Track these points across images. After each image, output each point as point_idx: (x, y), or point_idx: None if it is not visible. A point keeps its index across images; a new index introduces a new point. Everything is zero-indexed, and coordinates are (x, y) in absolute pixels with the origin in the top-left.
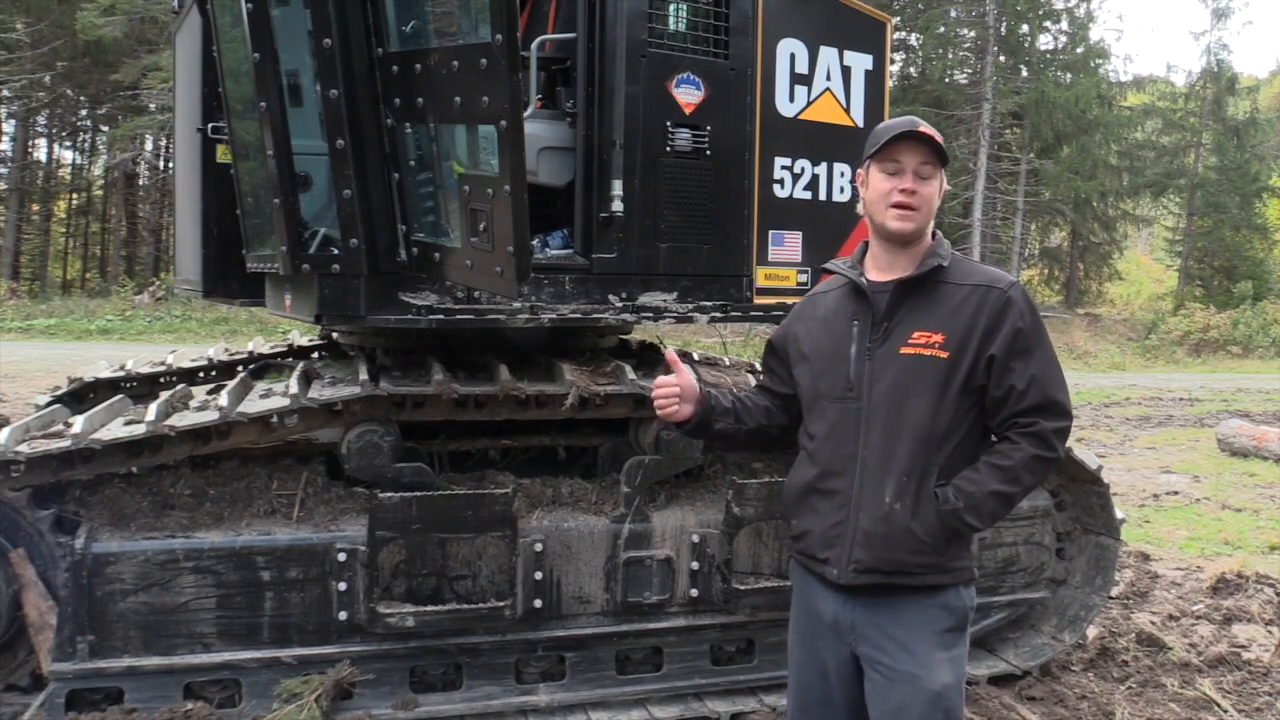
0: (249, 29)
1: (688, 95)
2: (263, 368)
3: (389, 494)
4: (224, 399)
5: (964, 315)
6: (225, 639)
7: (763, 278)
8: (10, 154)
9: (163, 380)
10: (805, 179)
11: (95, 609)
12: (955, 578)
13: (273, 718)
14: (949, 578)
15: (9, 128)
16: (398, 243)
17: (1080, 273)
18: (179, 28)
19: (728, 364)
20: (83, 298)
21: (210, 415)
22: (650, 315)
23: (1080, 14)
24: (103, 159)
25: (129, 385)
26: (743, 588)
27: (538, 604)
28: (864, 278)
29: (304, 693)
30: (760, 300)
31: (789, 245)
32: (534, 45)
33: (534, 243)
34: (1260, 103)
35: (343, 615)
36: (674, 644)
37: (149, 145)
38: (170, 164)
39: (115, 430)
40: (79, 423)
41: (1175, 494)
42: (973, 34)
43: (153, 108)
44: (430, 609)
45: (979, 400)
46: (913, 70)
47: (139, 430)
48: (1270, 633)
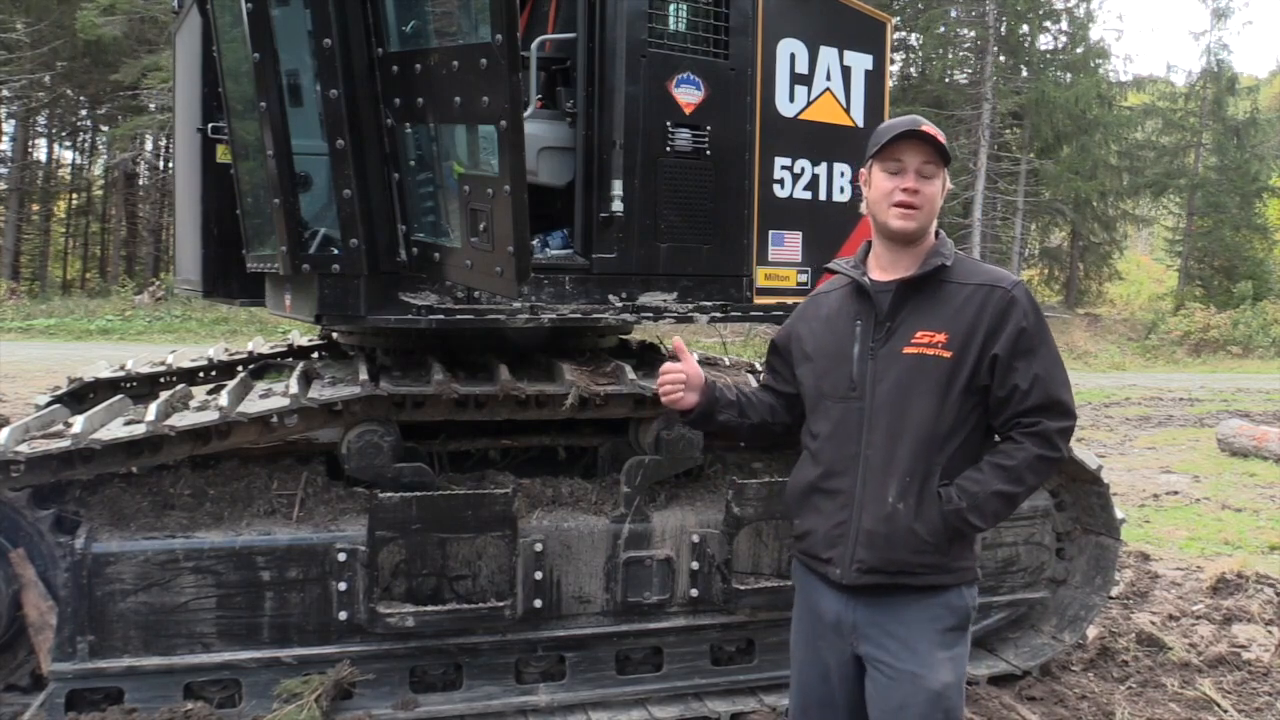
0: (249, 29)
1: (688, 95)
2: (263, 368)
3: (389, 494)
4: (224, 399)
5: (967, 315)
6: (225, 639)
7: (763, 278)
8: (10, 154)
9: (163, 380)
10: (805, 179)
11: (95, 609)
12: (958, 578)
13: (273, 718)
14: (952, 578)
15: (9, 128)
16: (398, 243)
17: (1080, 273)
18: (179, 28)
19: (728, 364)
20: (83, 298)
21: (210, 415)
22: (650, 315)
23: (1080, 14)
24: (103, 159)
25: (129, 385)
26: (743, 588)
27: (538, 604)
28: (867, 277)
29: (304, 693)
30: (760, 300)
31: (789, 245)
32: (534, 45)
33: (534, 243)
34: (1260, 103)
35: (343, 615)
36: (674, 644)
37: (149, 145)
38: (170, 164)
39: (115, 430)
40: (79, 423)
41: (1175, 494)
42: (973, 34)
43: (153, 108)
44: (430, 609)
45: (982, 400)
46: (913, 70)
47: (139, 430)
48: (1270, 633)
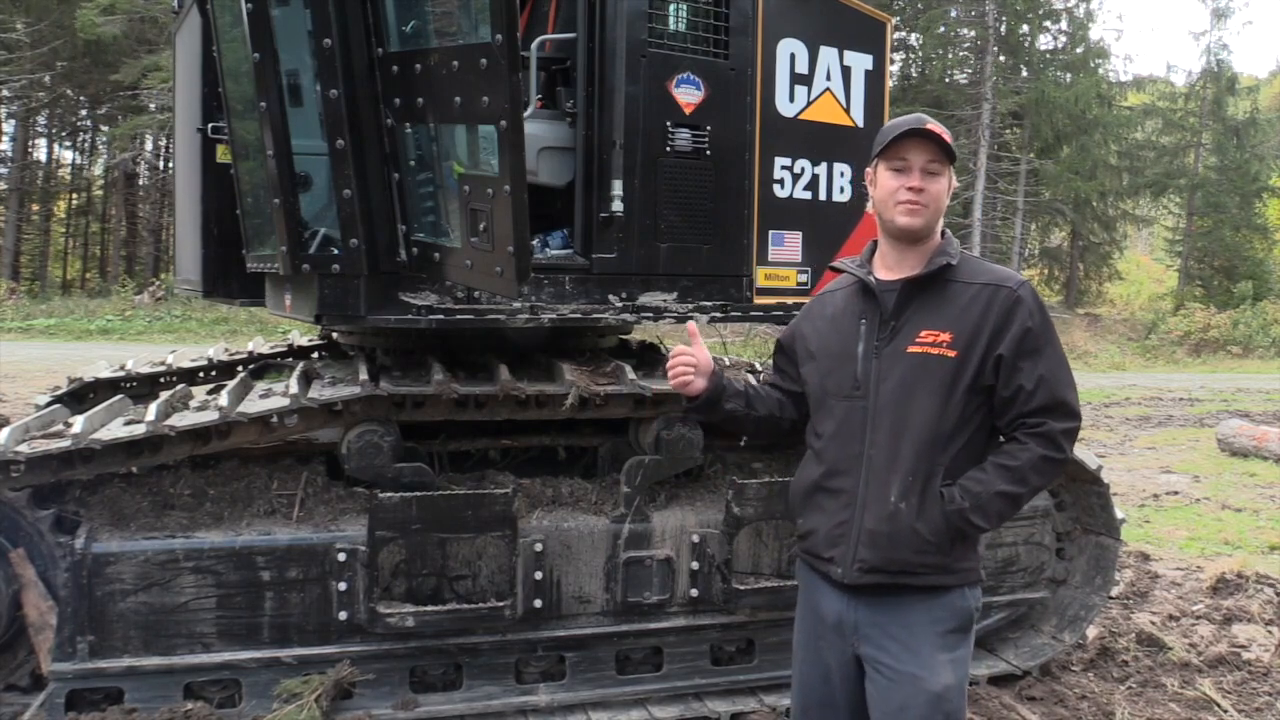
0: (249, 29)
1: (688, 95)
2: (263, 368)
3: (389, 494)
4: (224, 399)
5: (972, 314)
6: (225, 639)
7: (763, 278)
8: (10, 154)
9: (163, 380)
10: (805, 179)
11: (95, 609)
12: (961, 579)
13: (273, 718)
14: (954, 579)
15: (9, 128)
16: (398, 243)
17: (1080, 273)
18: (179, 28)
19: (728, 364)
20: (83, 298)
21: (210, 415)
22: (650, 315)
23: (1080, 14)
24: (103, 159)
25: (129, 385)
26: (743, 588)
27: (538, 604)
28: (872, 276)
29: (304, 693)
30: (760, 300)
31: (789, 245)
32: (534, 45)
33: (534, 243)
34: (1260, 103)
35: (343, 615)
36: (674, 644)
37: (149, 145)
38: (170, 164)
39: (115, 430)
40: (79, 423)
41: (1175, 494)
42: (973, 34)
43: (153, 108)
44: (430, 609)
45: (986, 400)
46: (913, 70)
47: (139, 430)
48: (1270, 633)
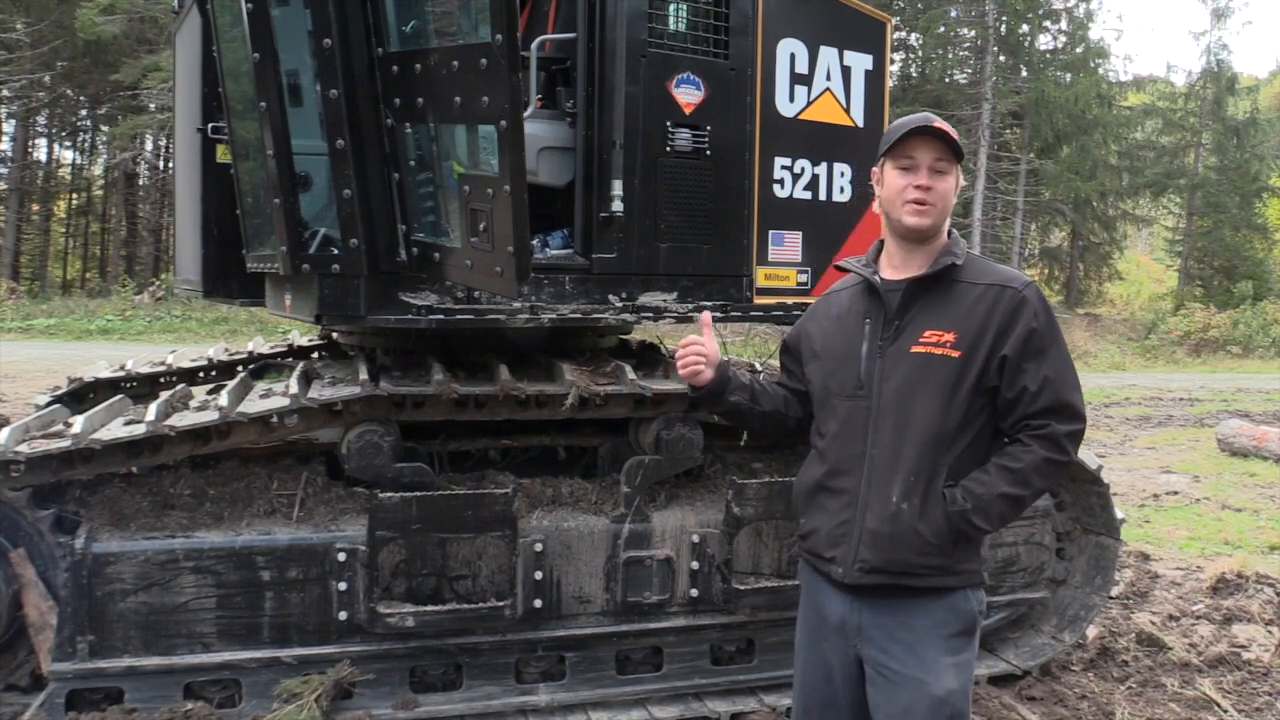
0: (249, 29)
1: (688, 95)
2: (263, 368)
3: (389, 494)
4: (224, 399)
5: (977, 315)
6: (225, 639)
7: (763, 278)
8: (10, 154)
9: (163, 380)
10: (805, 179)
11: (95, 609)
12: (963, 580)
13: (273, 718)
14: (956, 580)
15: (9, 128)
16: (398, 243)
17: (1080, 273)
18: (179, 28)
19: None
20: (83, 298)
21: (210, 415)
22: (650, 315)
23: (1080, 14)
24: (103, 159)
25: (129, 385)
26: (743, 588)
27: (538, 604)
28: (877, 276)
29: (304, 693)
30: (760, 300)
31: (789, 245)
32: (534, 45)
33: (534, 243)
34: (1260, 103)
35: (343, 615)
36: (674, 644)
37: (149, 145)
38: (170, 164)
39: (115, 430)
40: (79, 423)
41: (1175, 494)
42: (972, 34)
43: (153, 108)
44: (430, 609)
45: (990, 401)
46: (913, 70)
47: (139, 430)
48: (1270, 633)
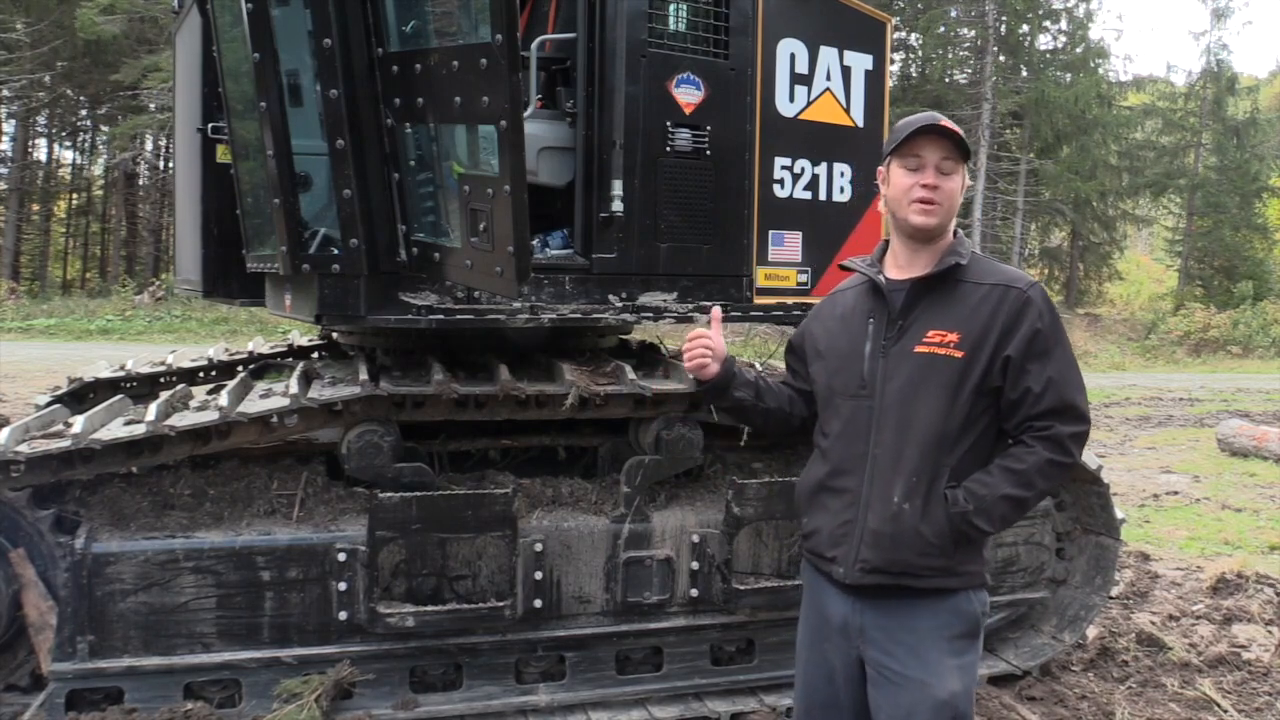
0: (249, 29)
1: (688, 95)
2: (263, 368)
3: (389, 494)
4: (224, 399)
5: (981, 315)
6: (225, 639)
7: (763, 278)
8: (10, 154)
9: (163, 380)
10: (805, 179)
11: (95, 609)
12: (965, 581)
13: (273, 718)
14: (958, 581)
15: (9, 128)
16: (398, 243)
17: (1080, 273)
18: (179, 28)
19: None
20: (83, 298)
21: (210, 415)
22: (650, 315)
23: (1080, 14)
24: (103, 159)
25: (129, 385)
26: (743, 588)
27: (538, 604)
28: (882, 275)
29: (304, 693)
30: (760, 300)
31: (789, 245)
32: (534, 45)
33: (534, 243)
34: (1260, 103)
35: (343, 615)
36: (674, 644)
37: (149, 145)
38: (170, 164)
39: (115, 430)
40: (79, 423)
41: (1175, 494)
42: (972, 34)
43: (153, 108)
44: (430, 609)
45: (994, 402)
46: (913, 70)
47: (139, 430)
48: (1270, 633)
